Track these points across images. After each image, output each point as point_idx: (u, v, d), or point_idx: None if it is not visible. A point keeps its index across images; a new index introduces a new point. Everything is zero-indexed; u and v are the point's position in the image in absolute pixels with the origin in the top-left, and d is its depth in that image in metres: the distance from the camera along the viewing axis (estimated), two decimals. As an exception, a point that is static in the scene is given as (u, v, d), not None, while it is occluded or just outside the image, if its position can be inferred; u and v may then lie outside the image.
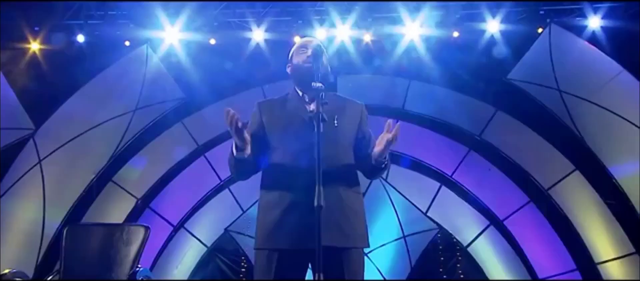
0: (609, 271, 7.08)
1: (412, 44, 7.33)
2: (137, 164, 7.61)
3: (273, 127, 2.90)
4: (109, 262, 3.94)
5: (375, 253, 7.47)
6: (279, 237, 2.73)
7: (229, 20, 7.37)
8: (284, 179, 2.77)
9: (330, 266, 2.66)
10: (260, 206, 2.87)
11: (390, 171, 7.62)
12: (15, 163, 7.33)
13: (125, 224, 4.22)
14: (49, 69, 7.44)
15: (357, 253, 2.81)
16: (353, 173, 2.91)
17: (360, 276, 2.80)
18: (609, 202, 7.14)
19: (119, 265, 3.92)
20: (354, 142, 2.92)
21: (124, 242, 3.98)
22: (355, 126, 2.93)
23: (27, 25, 7.36)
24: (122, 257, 3.94)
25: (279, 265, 2.72)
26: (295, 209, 2.69)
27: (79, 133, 7.44)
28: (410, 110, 7.72)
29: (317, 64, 2.78)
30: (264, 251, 2.78)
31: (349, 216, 2.79)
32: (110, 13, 7.36)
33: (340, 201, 2.77)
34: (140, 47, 7.45)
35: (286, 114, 2.90)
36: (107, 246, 4.00)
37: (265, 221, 2.80)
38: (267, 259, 2.76)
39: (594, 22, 7.07)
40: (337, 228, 2.73)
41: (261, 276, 2.77)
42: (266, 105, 2.99)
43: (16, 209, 7.25)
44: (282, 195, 2.76)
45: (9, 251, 6.99)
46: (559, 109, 7.31)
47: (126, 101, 7.55)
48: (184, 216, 7.61)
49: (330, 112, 2.80)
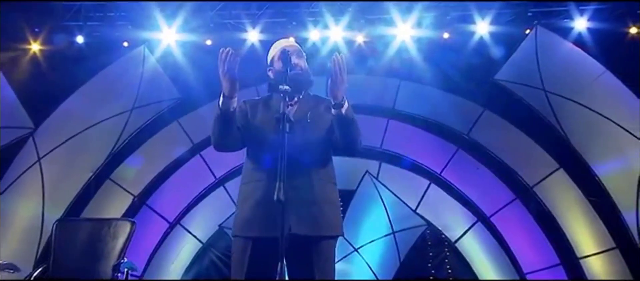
0: (590, 265, 7.01)
1: (404, 45, 7.24)
2: (134, 162, 7.53)
3: (253, 125, 2.98)
4: (96, 255, 3.91)
5: (365, 248, 7.38)
6: (252, 226, 2.82)
7: (224, 21, 7.28)
8: (257, 174, 2.87)
9: (301, 253, 2.78)
10: (238, 198, 2.98)
11: (381, 169, 7.57)
12: (15, 161, 7.25)
13: (112, 219, 4.10)
14: (48, 69, 7.36)
15: (327, 243, 2.87)
16: (327, 164, 2.97)
17: (329, 263, 2.88)
18: (592, 199, 7.05)
19: (105, 258, 3.88)
20: (330, 131, 2.93)
21: (111, 236, 3.94)
22: (329, 119, 2.91)
23: (28, 27, 7.30)
24: (109, 250, 3.90)
25: (253, 251, 2.79)
26: (267, 201, 2.68)
27: (78, 132, 7.35)
28: (401, 110, 7.63)
29: (285, 69, 2.80)
30: (239, 239, 2.87)
31: (321, 205, 2.86)
32: (109, 14, 7.26)
33: (313, 192, 2.85)
34: (138, 48, 7.36)
35: (264, 114, 2.99)
36: (94, 240, 3.97)
37: (241, 211, 2.90)
38: (242, 246, 2.84)
39: (580, 24, 6.97)
40: (310, 217, 2.81)
41: (237, 260, 2.85)
42: (250, 103, 3.07)
43: (16, 206, 7.17)
44: (255, 188, 2.84)
45: (9, 247, 6.86)
46: (544, 108, 7.23)
47: (124, 100, 7.46)
48: (180, 213, 7.52)
49: (303, 111, 2.96)
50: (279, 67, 2.91)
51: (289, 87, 2.72)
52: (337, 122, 2.81)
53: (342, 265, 7.24)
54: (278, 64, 2.92)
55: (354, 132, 2.87)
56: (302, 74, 2.96)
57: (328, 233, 2.86)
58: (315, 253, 2.81)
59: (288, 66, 2.80)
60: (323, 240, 2.84)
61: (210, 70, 7.22)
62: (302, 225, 2.77)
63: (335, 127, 2.85)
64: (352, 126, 2.84)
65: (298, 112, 2.94)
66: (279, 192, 2.45)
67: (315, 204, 2.83)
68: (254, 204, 2.81)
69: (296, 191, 2.74)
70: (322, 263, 2.83)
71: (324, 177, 2.91)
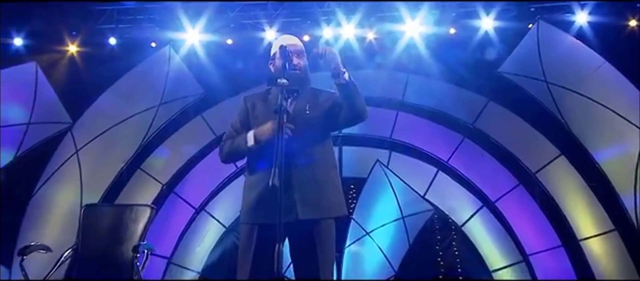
0: (591, 247, 7.04)
1: (412, 41, 7.35)
2: (162, 153, 7.74)
3: (255, 118, 3.07)
4: (118, 237, 4.11)
5: (376, 232, 7.51)
6: (257, 213, 2.90)
7: (244, 21, 7.47)
8: (260, 164, 2.93)
9: (306, 235, 2.89)
10: (244, 187, 3.06)
11: (391, 158, 7.71)
12: (56, 153, 7.53)
13: (134, 204, 4.33)
14: (84, 69, 7.67)
15: (326, 224, 2.95)
16: (328, 150, 3.08)
17: (328, 242, 2.96)
18: (591, 184, 7.06)
19: (127, 240, 4.08)
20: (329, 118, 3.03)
21: (132, 220, 4.13)
22: (327, 107, 3.05)
23: (66, 31, 7.61)
24: (131, 233, 4.10)
25: (259, 237, 2.87)
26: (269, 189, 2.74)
27: (111, 126, 7.60)
28: (409, 102, 7.73)
29: (284, 64, 2.89)
30: (246, 226, 2.97)
31: (323, 188, 2.95)
32: (139, 17, 7.58)
33: (316, 177, 2.93)
34: (164, 48, 7.59)
35: (264, 107, 3.07)
36: (117, 223, 4.17)
37: (247, 200, 2.99)
38: (248, 232, 2.94)
39: (581, 18, 6.99)
40: (312, 202, 2.89)
41: (244, 246, 2.94)
42: (250, 99, 3.16)
43: (57, 194, 7.45)
44: (259, 177, 2.89)
45: (52, 231, 7.19)
46: (545, 99, 7.25)
47: (152, 96, 7.69)
48: (205, 199, 7.72)
49: (302, 103, 3.04)
50: (279, 62, 2.98)
51: (287, 80, 2.78)
52: (342, 91, 2.89)
53: (354, 247, 7.42)
54: (279, 59, 2.99)
55: (359, 97, 2.94)
56: (300, 72, 3.02)
57: (334, 214, 2.98)
58: (317, 233, 2.90)
59: (287, 62, 2.88)
60: (323, 223, 2.93)
61: (231, 67, 7.53)
62: (308, 209, 2.87)
63: (341, 98, 2.93)
64: (355, 91, 2.91)
65: (297, 104, 3.02)
66: (273, 178, 2.52)
67: (319, 189, 2.92)
68: (258, 192, 2.87)
69: (300, 178, 2.87)
70: (324, 243, 2.92)
71: (325, 162, 3.01)
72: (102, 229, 4.18)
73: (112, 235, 4.13)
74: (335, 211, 3.00)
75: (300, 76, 3.03)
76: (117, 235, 4.12)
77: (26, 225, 7.25)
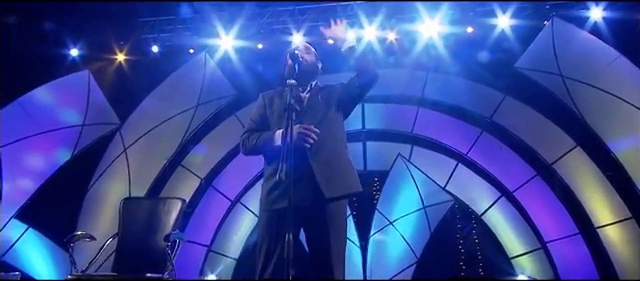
0: (607, 234, 7.02)
1: (431, 40, 7.49)
2: (200, 150, 8.05)
3: (271, 113, 3.30)
4: (153, 227, 4.44)
5: (399, 221, 7.65)
6: (276, 200, 3.07)
7: (273, 27, 7.76)
8: (277, 155, 3.03)
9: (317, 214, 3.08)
10: (263, 177, 3.26)
11: (413, 152, 7.84)
12: (107, 152, 7.96)
13: (167, 197, 4.67)
14: (130, 75, 8.15)
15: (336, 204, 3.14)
16: (342, 134, 3.30)
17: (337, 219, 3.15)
18: (608, 174, 7.04)
19: (160, 230, 4.40)
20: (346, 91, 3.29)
21: (165, 212, 4.46)
22: (337, 95, 3.30)
23: (115, 41, 8.13)
24: (164, 223, 4.43)
25: (278, 222, 3.02)
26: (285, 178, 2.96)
27: (155, 126, 7.98)
28: (429, 99, 7.84)
29: (293, 65, 3.12)
30: (265, 212, 3.15)
31: (336, 170, 3.15)
32: (178, 27, 8.01)
33: (333, 158, 3.17)
34: (200, 54, 7.96)
35: (279, 104, 3.28)
36: (152, 215, 4.52)
37: (266, 189, 3.17)
38: (267, 218, 3.13)
39: (595, 13, 7.00)
40: (335, 179, 3.12)
41: (265, 231, 3.11)
42: (268, 95, 3.40)
43: (108, 188, 7.85)
44: (276, 168, 3.00)
45: (105, 223, 7.52)
46: (561, 92, 7.25)
47: (190, 98, 8.03)
48: (240, 192, 7.99)
49: (315, 95, 3.29)
50: (290, 65, 3.20)
51: (295, 81, 3.02)
52: (354, 59, 3.21)
53: (378, 236, 7.58)
54: (289, 63, 3.21)
55: (369, 63, 3.24)
56: (308, 66, 3.27)
57: (355, 189, 3.21)
58: (328, 213, 3.09)
59: (296, 63, 3.11)
60: (333, 203, 3.10)
61: (262, 70, 7.76)
62: (334, 188, 3.08)
63: (352, 62, 3.23)
64: (365, 58, 3.25)
65: (311, 97, 3.27)
66: (281, 172, 2.80)
67: (340, 170, 3.16)
68: (277, 181, 2.96)
69: (320, 161, 3.08)
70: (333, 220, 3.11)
71: (340, 144, 3.24)
72: (139, 220, 4.53)
73: (148, 225, 4.46)
74: (355, 187, 3.22)
75: (308, 68, 3.28)
76: (152, 225, 4.44)
77: (83, 218, 7.68)
